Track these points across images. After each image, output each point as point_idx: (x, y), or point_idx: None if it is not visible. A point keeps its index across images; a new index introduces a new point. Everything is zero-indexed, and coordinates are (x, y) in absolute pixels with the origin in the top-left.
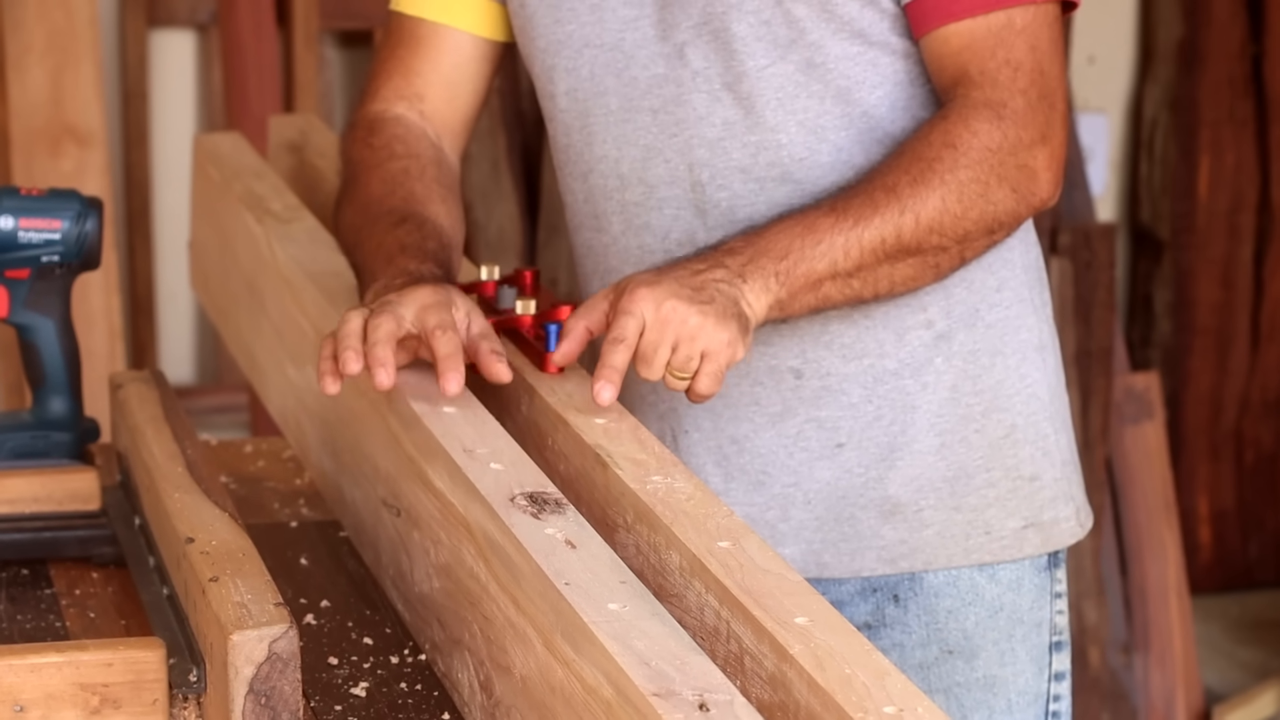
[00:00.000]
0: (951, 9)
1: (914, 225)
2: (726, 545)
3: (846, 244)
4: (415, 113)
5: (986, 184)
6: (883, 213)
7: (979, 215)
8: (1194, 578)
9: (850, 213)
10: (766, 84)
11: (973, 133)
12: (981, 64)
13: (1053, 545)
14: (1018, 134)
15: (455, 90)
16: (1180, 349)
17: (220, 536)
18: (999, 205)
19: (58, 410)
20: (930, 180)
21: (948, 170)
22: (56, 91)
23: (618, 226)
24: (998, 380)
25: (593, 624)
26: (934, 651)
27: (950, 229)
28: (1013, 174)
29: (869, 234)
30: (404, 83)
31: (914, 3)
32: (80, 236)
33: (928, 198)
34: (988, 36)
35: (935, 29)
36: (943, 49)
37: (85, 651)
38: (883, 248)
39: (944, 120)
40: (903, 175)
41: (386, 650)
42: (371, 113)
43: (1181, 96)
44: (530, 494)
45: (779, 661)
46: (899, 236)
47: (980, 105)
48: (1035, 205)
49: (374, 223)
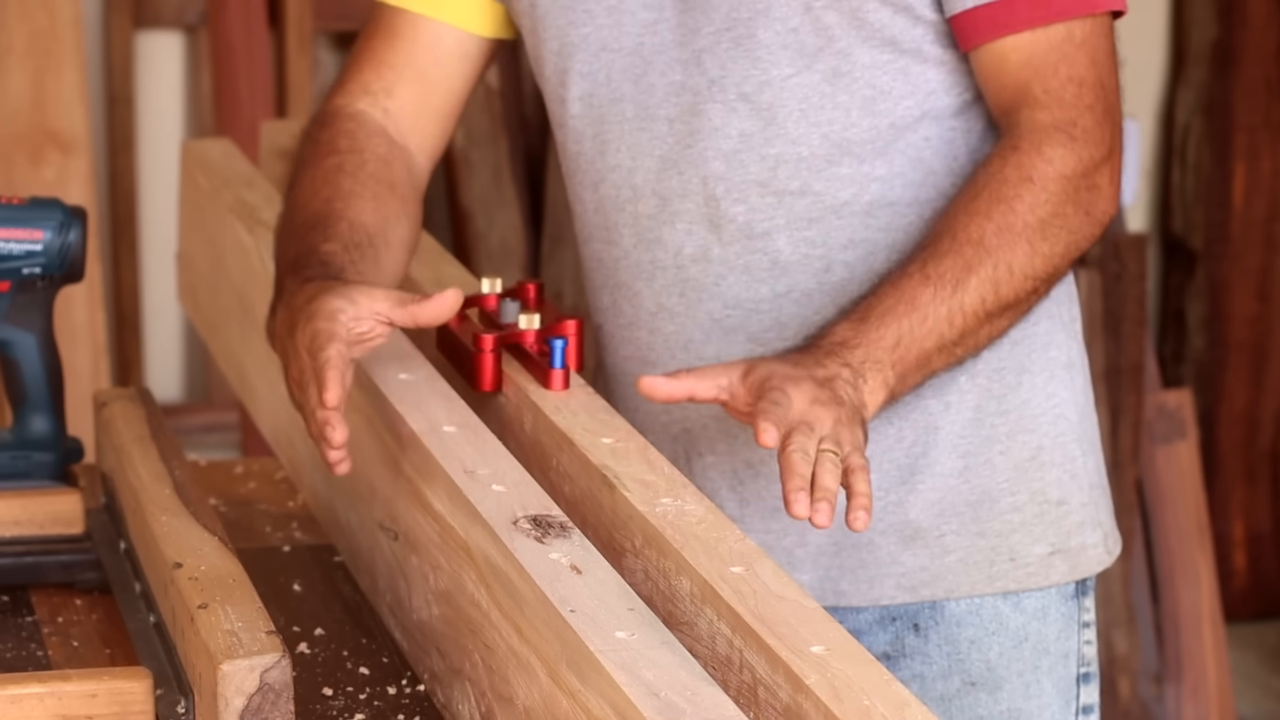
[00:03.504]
0: (1009, 21)
1: (1009, 277)
2: (739, 570)
3: (950, 314)
4: (379, 109)
5: (1067, 215)
6: (977, 271)
7: (1065, 249)
8: (1228, 605)
9: (947, 279)
10: (790, 94)
11: (1048, 161)
12: (1045, 82)
13: (1080, 572)
14: (1090, 154)
15: (430, 87)
16: (1214, 365)
17: (209, 561)
18: (1079, 232)
19: (39, 429)
20: (1014, 225)
21: (1030, 210)
22: (38, 95)
23: (629, 240)
24: (1024, 400)
25: (599, 653)
26: (956, 683)
27: (1042, 270)
28: (1085, 196)
29: (969, 298)
30: (373, 76)
31: (964, 14)
32: (63, 248)
33: (1016, 245)
34: (1049, 51)
35: (989, 42)
36: (1000, 64)
37: (68, 682)
38: (983, 308)
39: (1016, 151)
40: (987, 224)
41: (384, 680)
42: (331, 107)
43: (1215, 100)
44: (534, 517)
45: (794, 692)
46: (997, 292)
47: (1051, 129)
48: (1105, 223)
49: (288, 236)
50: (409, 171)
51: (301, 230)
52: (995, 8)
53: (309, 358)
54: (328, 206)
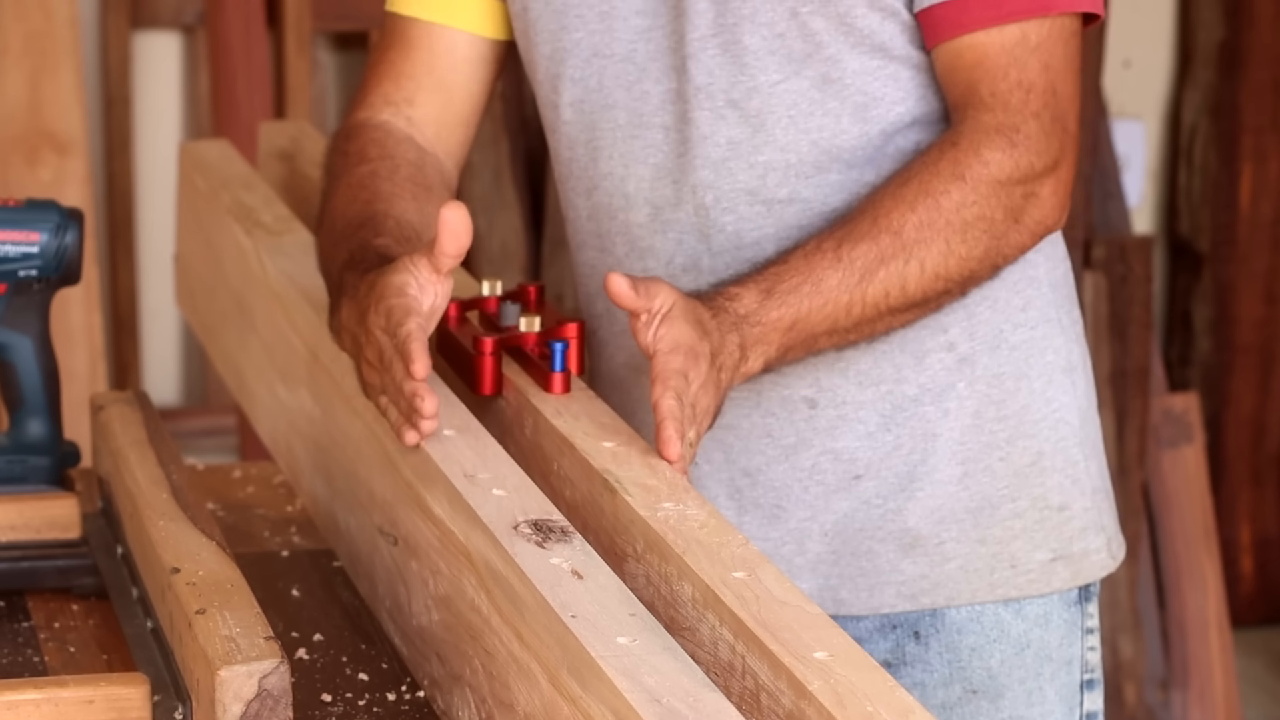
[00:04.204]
0: (962, 20)
1: (919, 274)
2: (742, 576)
3: (850, 303)
4: (402, 119)
5: (994, 220)
6: (888, 264)
7: (984, 253)
8: (1235, 610)
9: (857, 265)
10: (779, 100)
11: (984, 163)
12: (993, 84)
13: (1083, 578)
14: (1030, 161)
15: (450, 94)
16: (1221, 368)
17: (207, 566)
18: (1004, 239)
19: (36, 433)
20: (936, 221)
21: (955, 208)
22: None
23: (621, 248)
24: (1023, 405)
25: (601, 659)
26: (957, 691)
27: (956, 272)
28: (1020, 204)
29: (873, 290)
30: (393, 88)
31: (925, 12)
32: (59, 250)
33: (933, 242)
34: (1001, 54)
35: (947, 40)
36: (955, 62)
37: (65, 688)
38: (885, 302)
39: (954, 148)
40: (910, 215)
41: (383, 686)
42: (355, 120)
43: (1222, 101)
44: (534, 521)
45: (797, 698)
46: (904, 289)
47: (992, 132)
48: (1040, 235)
49: (335, 243)
50: (441, 175)
51: (347, 232)
52: (950, 6)
53: (387, 336)
54: (369, 208)
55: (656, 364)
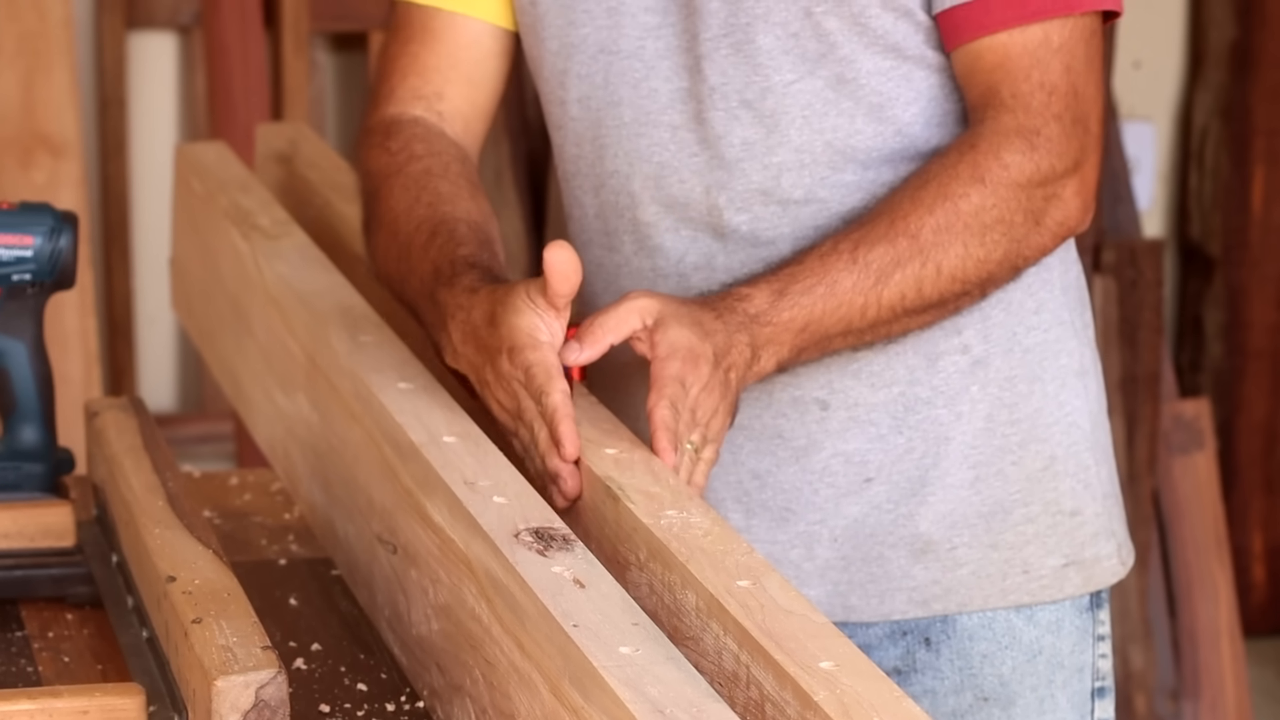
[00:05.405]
0: (985, 21)
1: (935, 277)
2: (746, 584)
3: (865, 305)
4: (433, 114)
5: (1013, 223)
6: (904, 267)
7: (1003, 256)
8: (1247, 619)
9: (873, 268)
10: (793, 100)
11: (1003, 165)
12: (1014, 86)
13: (1094, 584)
14: (1050, 164)
15: (475, 87)
16: (1233, 374)
17: (204, 575)
18: (1024, 242)
19: (29, 440)
20: (954, 225)
21: (974, 211)
22: (28, 98)
23: (630, 246)
24: (1036, 409)
25: (603, 669)
26: (968, 699)
27: (974, 275)
28: (1040, 206)
29: (889, 293)
30: (420, 81)
31: (946, 13)
32: (54, 253)
33: (951, 245)
34: (1023, 55)
35: (968, 42)
36: (975, 64)
37: (59, 698)
38: (901, 305)
39: (973, 150)
40: (928, 217)
41: (382, 697)
42: (387, 116)
43: (1234, 103)
44: (536, 529)
45: (803, 709)
46: (920, 291)
47: (1012, 133)
48: (1063, 236)
49: (407, 250)
50: (475, 169)
51: (421, 240)
52: (972, 7)
53: (530, 397)
54: (434, 212)
55: (652, 371)
